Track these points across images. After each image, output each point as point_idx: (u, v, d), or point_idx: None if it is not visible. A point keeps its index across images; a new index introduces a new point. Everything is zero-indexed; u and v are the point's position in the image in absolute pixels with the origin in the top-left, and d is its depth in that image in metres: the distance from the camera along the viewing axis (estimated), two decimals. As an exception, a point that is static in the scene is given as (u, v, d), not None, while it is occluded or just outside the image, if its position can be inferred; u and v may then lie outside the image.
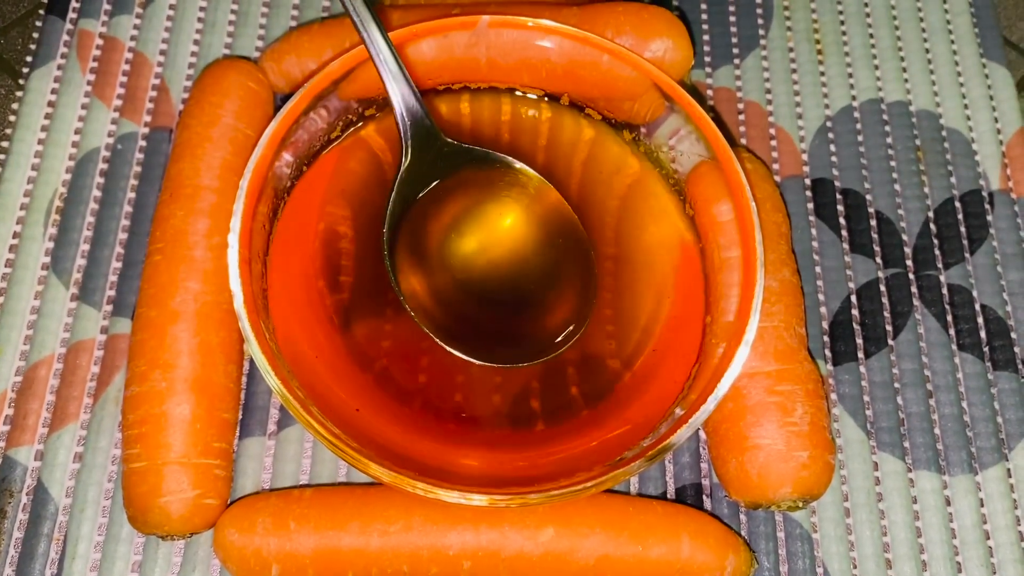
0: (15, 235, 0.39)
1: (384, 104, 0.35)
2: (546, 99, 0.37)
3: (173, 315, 0.34)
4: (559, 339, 0.33)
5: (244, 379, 0.37)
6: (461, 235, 0.33)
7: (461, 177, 0.34)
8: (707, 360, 0.32)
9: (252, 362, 0.37)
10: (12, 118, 0.41)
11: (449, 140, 0.34)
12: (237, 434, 0.36)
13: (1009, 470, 0.37)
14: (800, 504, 0.34)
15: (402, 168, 0.33)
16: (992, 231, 0.41)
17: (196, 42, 0.43)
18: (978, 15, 0.46)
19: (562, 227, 0.34)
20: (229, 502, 0.34)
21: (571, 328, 0.33)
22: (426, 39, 0.35)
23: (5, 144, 0.41)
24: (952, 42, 0.45)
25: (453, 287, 0.33)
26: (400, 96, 0.33)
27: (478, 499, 0.28)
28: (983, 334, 0.39)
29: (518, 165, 0.34)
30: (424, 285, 0.32)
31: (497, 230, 0.34)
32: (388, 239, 0.32)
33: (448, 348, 0.31)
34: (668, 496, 0.36)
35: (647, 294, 0.35)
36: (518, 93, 0.37)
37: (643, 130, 0.36)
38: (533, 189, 0.34)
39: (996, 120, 0.44)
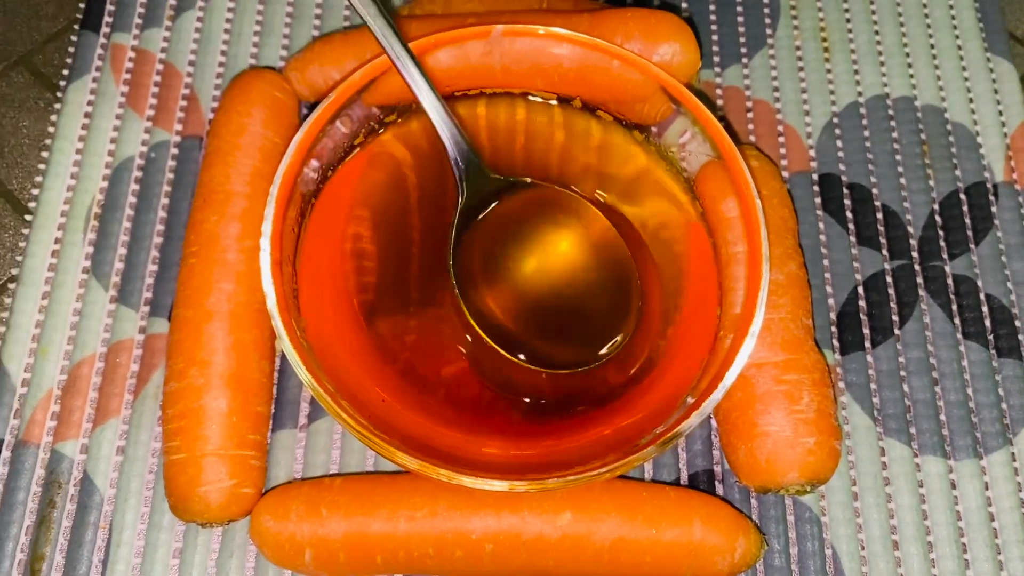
0: (56, 241, 0.41)
1: (404, 111, 0.37)
2: (559, 102, 0.39)
3: (208, 315, 0.36)
4: (603, 351, 0.34)
5: (276, 375, 0.38)
6: (514, 256, 0.35)
7: (508, 204, 0.36)
8: (717, 351, 0.34)
9: (283, 358, 0.39)
10: (51, 129, 0.43)
11: (496, 176, 0.36)
12: (270, 427, 0.38)
13: (1013, 454, 0.38)
14: (808, 488, 0.35)
15: (459, 207, 0.35)
16: (996, 222, 0.42)
17: (223, 52, 0.45)
18: (983, 10, 0.47)
19: (604, 244, 0.36)
20: (264, 491, 0.36)
21: (615, 340, 0.34)
22: (443, 48, 0.36)
23: (45, 155, 0.43)
24: (957, 37, 0.46)
25: (510, 302, 0.35)
26: (452, 143, 0.35)
27: (498, 484, 0.30)
28: (988, 323, 0.41)
29: (558, 189, 0.36)
30: (484, 302, 0.34)
31: (544, 248, 0.36)
32: (454, 267, 0.34)
33: (509, 357, 0.33)
34: (681, 482, 0.38)
35: (662, 288, 0.36)
36: (532, 97, 0.39)
37: (654, 130, 0.38)
38: (575, 210, 0.36)
39: (1000, 113, 0.45)
